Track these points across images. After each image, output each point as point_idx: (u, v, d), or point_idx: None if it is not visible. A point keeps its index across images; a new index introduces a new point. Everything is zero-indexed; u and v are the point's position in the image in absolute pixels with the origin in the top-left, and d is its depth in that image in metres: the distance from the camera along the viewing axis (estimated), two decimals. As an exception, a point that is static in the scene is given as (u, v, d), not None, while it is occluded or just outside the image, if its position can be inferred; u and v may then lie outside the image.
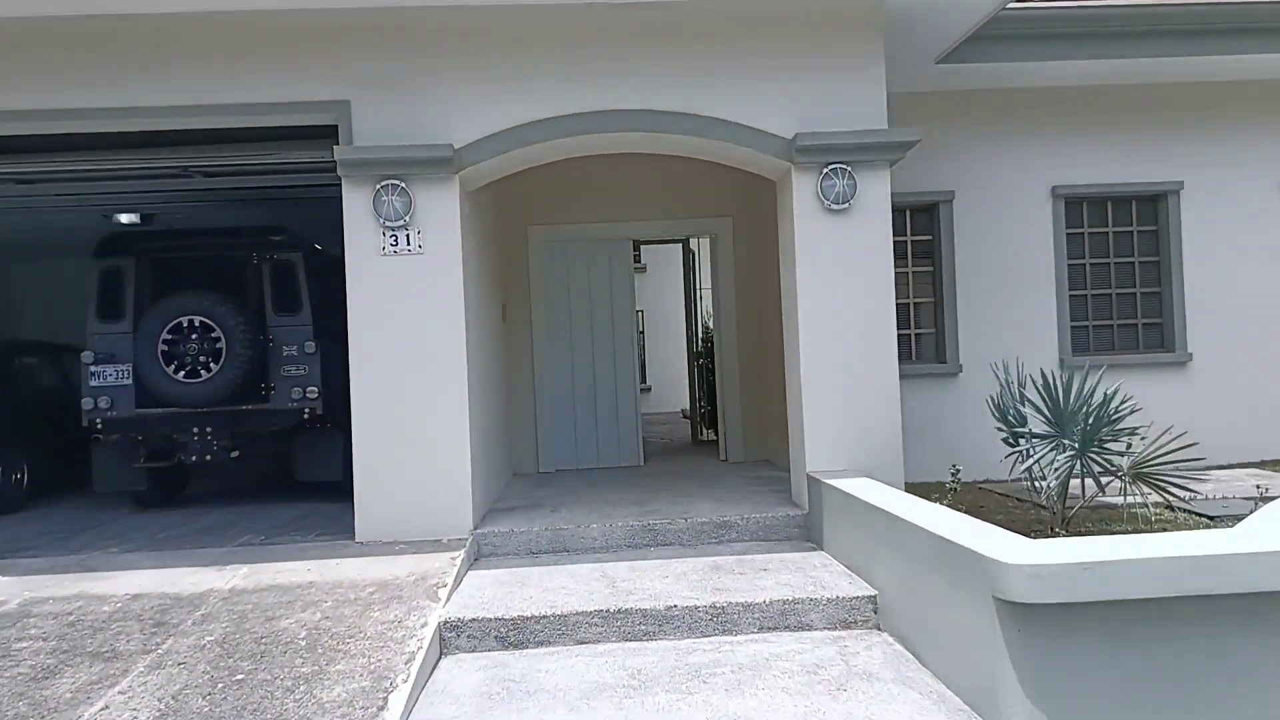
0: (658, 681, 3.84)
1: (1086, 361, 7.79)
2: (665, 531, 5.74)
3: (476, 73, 5.80)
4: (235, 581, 4.98)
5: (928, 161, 7.77)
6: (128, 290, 7.13)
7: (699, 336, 10.94)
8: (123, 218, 8.58)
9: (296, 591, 4.77)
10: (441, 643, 4.32)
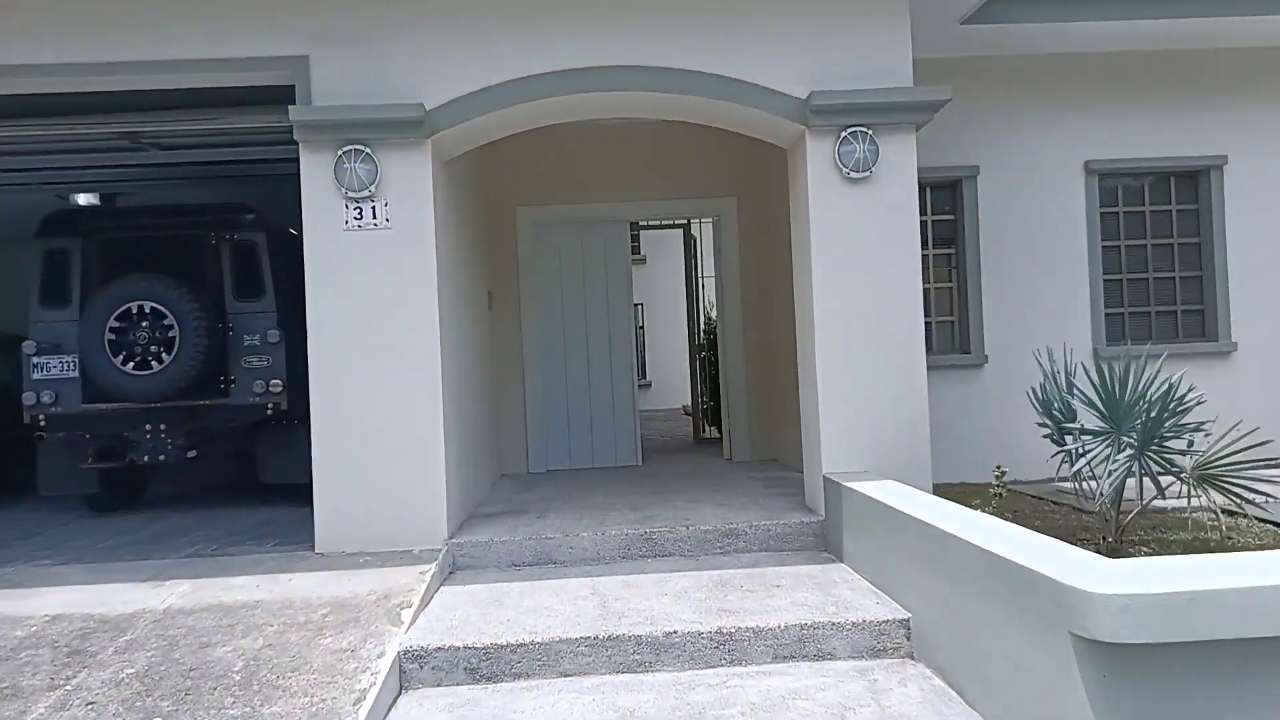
0: (654, 727, 3.22)
1: (1122, 351, 7.28)
2: (664, 541, 5.11)
3: (452, 23, 5.15)
4: (172, 600, 4.35)
5: (950, 134, 7.14)
6: (74, 273, 6.49)
7: (701, 328, 10.36)
8: (80, 198, 7.98)
9: (239, 613, 4.15)
10: (401, 675, 3.69)
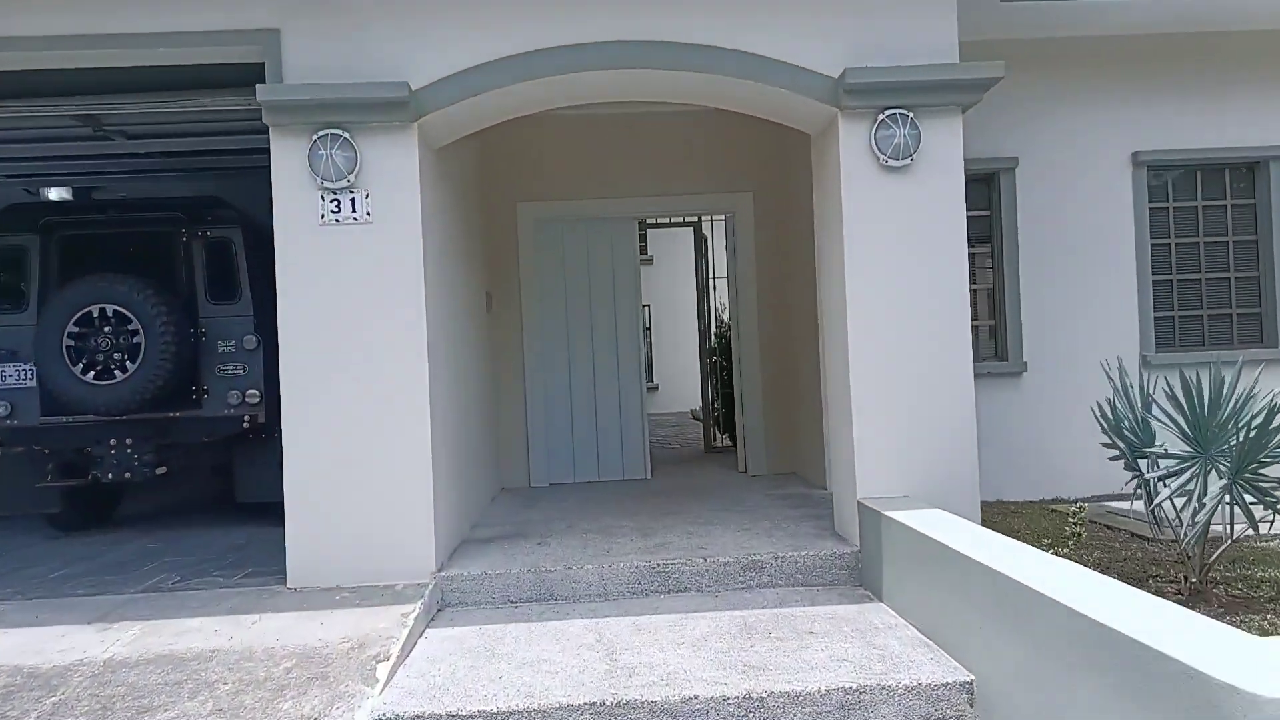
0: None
1: (1176, 359, 6.68)
2: (679, 574, 4.54)
3: (440, -7, 4.60)
4: (117, 648, 3.79)
5: (987, 122, 6.57)
6: (31, 273, 5.94)
7: (713, 331, 9.78)
8: (51, 193, 7.44)
9: (191, 666, 3.58)
10: (373, 749, 3.13)
